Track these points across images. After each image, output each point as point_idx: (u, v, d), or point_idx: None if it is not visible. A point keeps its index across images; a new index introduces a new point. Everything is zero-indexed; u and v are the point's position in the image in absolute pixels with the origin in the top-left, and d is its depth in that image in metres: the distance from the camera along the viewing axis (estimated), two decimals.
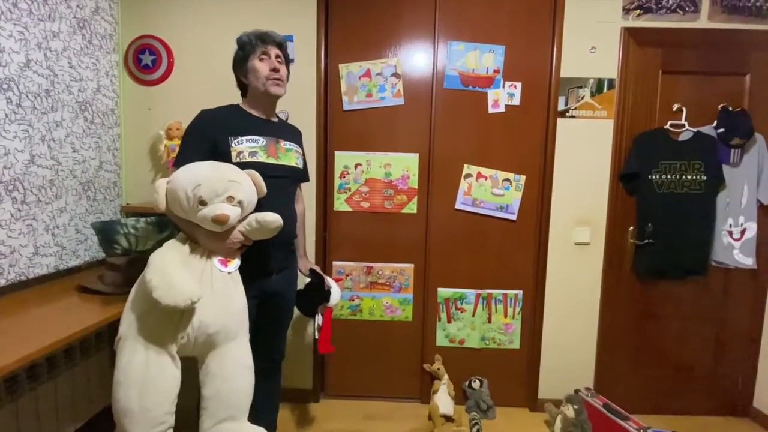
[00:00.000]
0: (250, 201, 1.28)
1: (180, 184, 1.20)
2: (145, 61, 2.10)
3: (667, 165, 2.01)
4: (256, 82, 1.41)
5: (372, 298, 2.23)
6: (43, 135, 1.64)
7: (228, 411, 1.22)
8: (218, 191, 1.19)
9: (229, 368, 1.23)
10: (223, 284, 1.25)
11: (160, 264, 1.14)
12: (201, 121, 1.39)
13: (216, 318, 1.20)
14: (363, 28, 2.12)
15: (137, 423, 1.10)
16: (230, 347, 1.25)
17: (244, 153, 1.35)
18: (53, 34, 1.69)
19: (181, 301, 1.06)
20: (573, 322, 2.17)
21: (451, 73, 2.10)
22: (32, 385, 1.51)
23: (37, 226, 1.62)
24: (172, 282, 1.08)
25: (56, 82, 1.70)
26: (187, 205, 1.19)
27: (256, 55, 1.40)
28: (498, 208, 2.15)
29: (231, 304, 1.25)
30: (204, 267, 1.23)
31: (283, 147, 1.47)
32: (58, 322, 1.27)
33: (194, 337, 1.18)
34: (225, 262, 1.28)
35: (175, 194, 1.20)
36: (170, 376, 1.15)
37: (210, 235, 1.25)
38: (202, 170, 1.22)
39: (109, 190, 2.02)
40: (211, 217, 1.18)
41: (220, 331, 1.21)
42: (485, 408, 2.12)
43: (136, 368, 1.12)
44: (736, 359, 2.16)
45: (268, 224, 1.27)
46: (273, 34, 1.43)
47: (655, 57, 2.04)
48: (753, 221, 2.02)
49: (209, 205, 1.19)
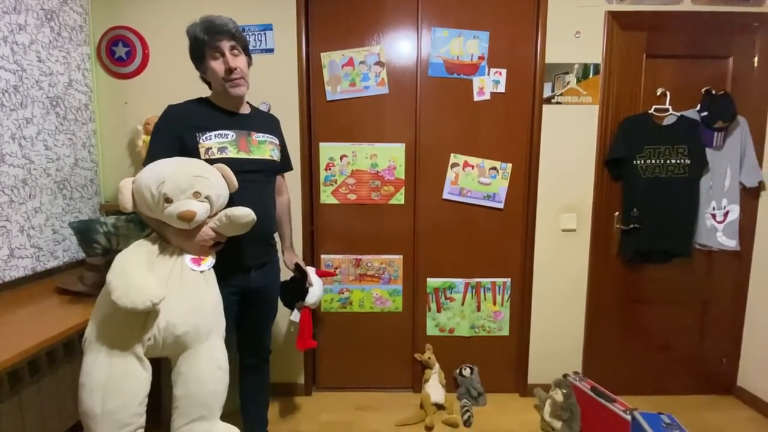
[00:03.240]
0: (219, 195, 1.24)
1: (144, 182, 1.16)
2: (118, 54, 2.03)
3: (652, 150, 2.02)
4: (215, 83, 1.36)
5: (361, 291, 2.22)
6: (13, 133, 1.58)
7: (199, 411, 1.19)
8: (183, 187, 1.16)
9: (201, 369, 1.20)
10: (193, 283, 1.21)
11: (121, 264, 1.11)
12: (167, 117, 1.34)
13: (184, 318, 1.17)
14: (345, 15, 2.06)
15: (101, 425, 1.08)
16: (202, 348, 1.21)
17: (213, 149, 1.31)
18: (19, 27, 1.61)
19: (140, 303, 1.03)
20: (561, 307, 2.20)
21: (435, 61, 2.07)
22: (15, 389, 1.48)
23: (11, 228, 1.57)
24: (130, 283, 1.06)
25: (24, 78, 1.63)
26: (153, 203, 1.16)
27: (209, 53, 1.31)
28: (485, 197, 2.14)
29: (201, 304, 1.21)
30: (173, 266, 1.20)
31: (255, 140, 1.41)
32: (37, 325, 1.24)
33: (162, 339, 1.14)
34: (198, 260, 1.24)
35: (140, 193, 1.17)
36: (136, 378, 1.12)
37: (179, 233, 1.21)
38: (165, 167, 1.19)
39: (86, 188, 1.96)
40: (176, 213, 1.15)
41: (189, 332, 1.18)
42: (476, 395, 2.14)
43: (99, 371, 1.09)
44: (720, 339, 2.21)
45: (238, 219, 1.23)
46: (221, 22, 1.31)
47: (639, 41, 2.03)
48: (736, 203, 2.05)
49: (175, 202, 1.16)
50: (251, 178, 1.35)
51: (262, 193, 1.45)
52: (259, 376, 1.66)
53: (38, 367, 1.57)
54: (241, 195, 1.29)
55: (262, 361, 1.66)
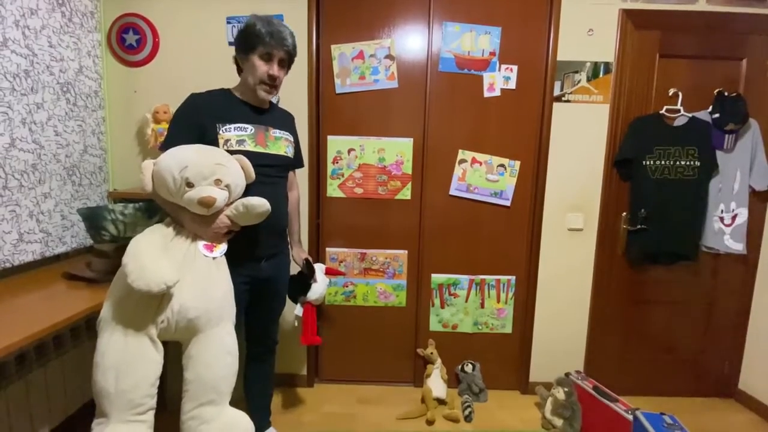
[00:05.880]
0: (237, 185, 1.26)
1: (167, 166, 1.18)
2: (129, 41, 2.02)
3: (662, 150, 2.01)
4: (249, 77, 1.38)
5: (366, 284, 2.22)
6: (23, 117, 1.57)
7: (209, 395, 1.22)
8: (205, 174, 1.18)
9: (211, 354, 1.22)
10: (206, 269, 1.23)
11: (136, 248, 1.13)
12: (189, 105, 1.36)
13: (197, 302, 1.19)
14: (355, 7, 2.05)
15: (114, 404, 1.10)
16: (213, 333, 1.23)
17: (232, 141, 1.34)
18: (31, 11, 1.61)
19: (154, 286, 1.06)
20: (565, 307, 2.19)
21: (446, 56, 2.06)
22: (21, 373, 1.49)
23: (20, 212, 1.57)
24: (145, 266, 1.08)
25: (36, 62, 1.62)
26: (174, 187, 1.18)
27: (259, 52, 1.34)
28: (492, 194, 2.13)
29: (213, 289, 1.24)
30: (187, 251, 1.21)
31: (272, 135, 1.45)
32: (45, 310, 1.25)
33: (174, 322, 1.17)
34: (210, 247, 1.26)
35: (161, 176, 1.18)
36: (149, 359, 1.15)
37: (196, 219, 1.23)
38: (189, 153, 1.21)
39: (95, 175, 1.97)
40: (197, 199, 1.17)
41: (201, 316, 1.20)
42: (477, 391, 2.15)
43: (114, 351, 1.12)
44: (723, 342, 2.21)
45: (254, 209, 1.26)
46: (285, 35, 1.36)
47: (652, 40, 2.01)
48: (744, 207, 2.03)
49: (196, 187, 1.18)
50: (266, 172, 1.38)
51: (276, 187, 1.47)
52: (265, 366, 1.67)
53: (45, 351, 1.59)
54: (255, 188, 1.33)
55: (269, 352, 1.67)
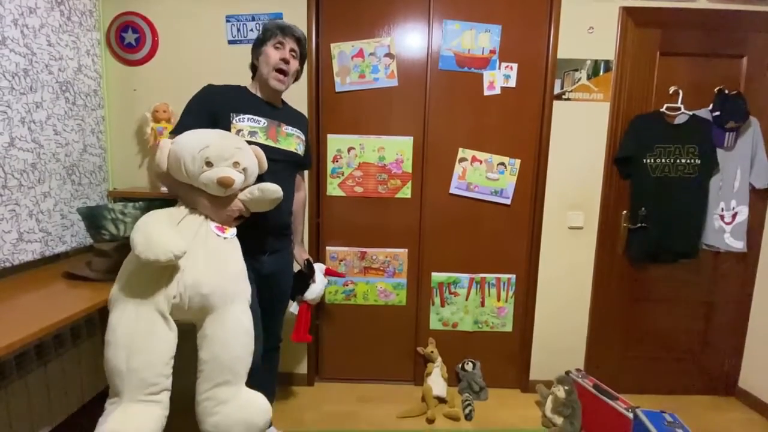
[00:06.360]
0: (253, 172, 1.29)
1: (186, 145, 1.19)
2: (128, 40, 2.01)
3: (662, 148, 2.00)
4: (263, 68, 1.42)
5: (366, 283, 2.22)
6: (22, 116, 1.57)
7: (224, 375, 1.20)
8: (225, 155, 1.20)
9: (227, 332, 1.20)
10: (218, 247, 1.23)
11: (144, 222, 1.13)
12: (206, 93, 1.40)
13: (210, 277, 1.18)
14: (355, 5, 2.04)
15: (126, 383, 1.08)
16: (228, 311, 1.21)
17: (244, 131, 1.36)
18: (30, 9, 1.60)
19: (161, 255, 1.05)
20: (565, 305, 2.19)
21: (446, 54, 2.05)
22: (22, 372, 1.49)
23: (20, 212, 1.57)
24: (152, 237, 1.07)
25: (35, 61, 1.62)
26: (192, 166, 1.18)
27: (272, 42, 1.41)
28: (492, 193, 2.13)
29: (227, 266, 1.24)
30: (198, 230, 1.22)
31: (284, 131, 1.47)
32: (46, 309, 1.24)
33: (188, 297, 1.15)
34: (222, 228, 1.27)
35: (179, 155, 1.19)
36: (162, 338, 1.13)
37: (211, 200, 1.24)
38: (210, 134, 1.24)
39: (94, 174, 1.96)
40: (216, 178, 1.18)
41: (215, 292, 1.18)
42: (478, 389, 2.15)
43: (125, 327, 1.10)
44: (723, 340, 2.21)
45: (270, 193, 1.27)
46: (295, 28, 1.45)
47: (653, 38, 2.01)
48: (745, 205, 2.03)
49: (215, 167, 1.19)
50: (274, 167, 1.39)
51: (284, 183, 1.44)
52: (269, 365, 1.66)
53: (45, 350, 1.59)
54: (264, 180, 1.33)
55: (273, 350, 1.66)
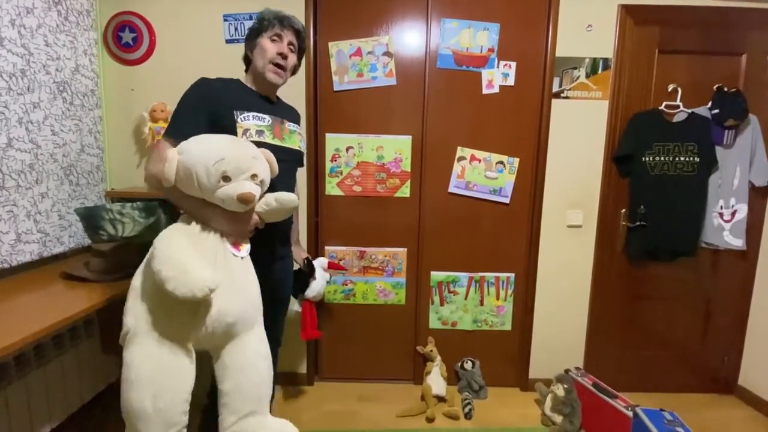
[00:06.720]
0: (267, 181, 1.19)
1: (198, 157, 1.06)
2: (125, 39, 2.01)
3: (661, 147, 2.00)
4: (258, 61, 1.33)
5: (365, 283, 2.22)
6: (20, 117, 1.56)
7: (251, 405, 1.14)
8: (243, 168, 1.08)
9: (248, 359, 1.15)
10: (238, 268, 1.15)
11: (168, 251, 1.01)
12: (202, 87, 1.26)
13: (234, 305, 1.10)
14: (353, 4, 2.04)
15: (152, 425, 1.01)
16: (248, 337, 1.16)
17: (251, 131, 1.25)
18: (27, 10, 1.59)
19: (198, 291, 0.96)
20: (564, 303, 2.19)
21: (444, 52, 2.05)
22: (21, 373, 1.49)
23: (17, 213, 1.57)
24: (185, 270, 0.97)
25: (32, 61, 1.61)
26: (207, 181, 1.06)
27: (269, 34, 1.32)
28: (491, 191, 2.13)
29: (248, 291, 1.17)
30: (217, 250, 1.11)
31: (287, 128, 1.39)
32: (44, 310, 1.24)
33: (212, 328, 1.08)
34: (237, 245, 1.17)
35: (190, 168, 1.06)
36: (186, 373, 1.07)
37: (227, 216, 1.13)
38: (223, 144, 1.11)
39: (92, 174, 1.96)
40: (236, 195, 1.06)
41: (239, 320, 1.12)
42: (477, 388, 2.15)
43: (149, 366, 1.02)
44: (722, 338, 2.21)
45: (288, 203, 1.19)
46: (294, 19, 1.36)
47: (651, 35, 2.00)
48: (744, 203, 2.03)
49: (233, 182, 1.07)
50: (281, 167, 1.28)
51: (287, 182, 1.39)
52: None
53: (44, 351, 1.59)
54: (272, 183, 1.25)
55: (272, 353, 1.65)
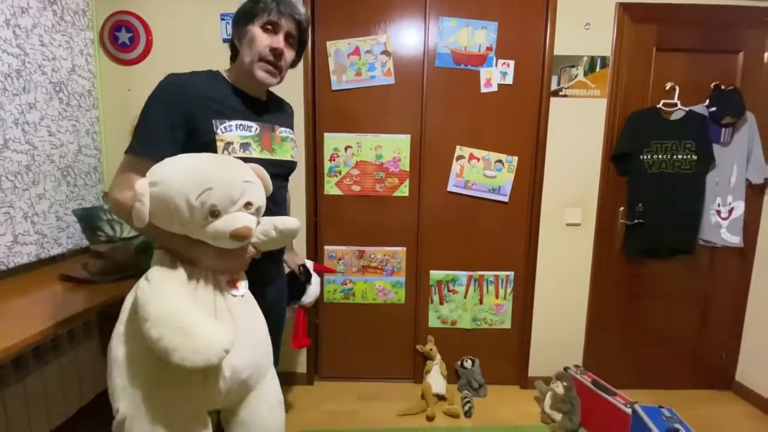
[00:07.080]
0: (262, 207, 0.97)
1: (177, 189, 0.83)
2: (122, 39, 2.00)
3: (659, 144, 2.00)
4: (246, 54, 1.05)
5: (364, 282, 2.22)
6: (16, 118, 1.56)
7: None
8: (234, 197, 0.87)
9: (264, 409, 1.02)
10: (242, 312, 0.98)
11: (164, 311, 0.80)
12: (171, 88, 1.00)
13: (245, 357, 0.94)
14: (351, 3, 2.03)
15: None
16: (262, 386, 1.02)
17: (234, 144, 1.01)
18: (22, 9, 1.58)
19: (215, 357, 0.80)
20: (563, 301, 2.20)
21: (442, 51, 2.04)
22: (19, 376, 1.48)
23: (14, 214, 1.56)
24: (191, 333, 0.79)
25: (27, 62, 1.60)
26: (190, 217, 0.85)
27: (262, 21, 1.04)
28: (490, 190, 2.13)
29: (257, 335, 1.01)
30: (214, 297, 0.93)
31: (278, 136, 1.14)
32: (42, 312, 1.24)
33: (226, 390, 0.92)
34: (234, 282, 0.99)
35: (168, 202, 0.83)
36: None
37: (219, 254, 0.93)
38: (206, 167, 0.87)
39: (89, 175, 1.95)
40: (230, 232, 0.86)
41: (254, 373, 0.98)
42: (477, 386, 2.15)
43: None
44: (720, 335, 2.22)
45: (291, 233, 1.02)
46: (296, 6, 1.07)
47: (649, 34, 2.01)
48: (741, 200, 2.04)
49: (223, 216, 0.87)
50: (272, 184, 1.04)
51: (283, 202, 1.20)
52: None
53: (43, 353, 1.58)
54: None
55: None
